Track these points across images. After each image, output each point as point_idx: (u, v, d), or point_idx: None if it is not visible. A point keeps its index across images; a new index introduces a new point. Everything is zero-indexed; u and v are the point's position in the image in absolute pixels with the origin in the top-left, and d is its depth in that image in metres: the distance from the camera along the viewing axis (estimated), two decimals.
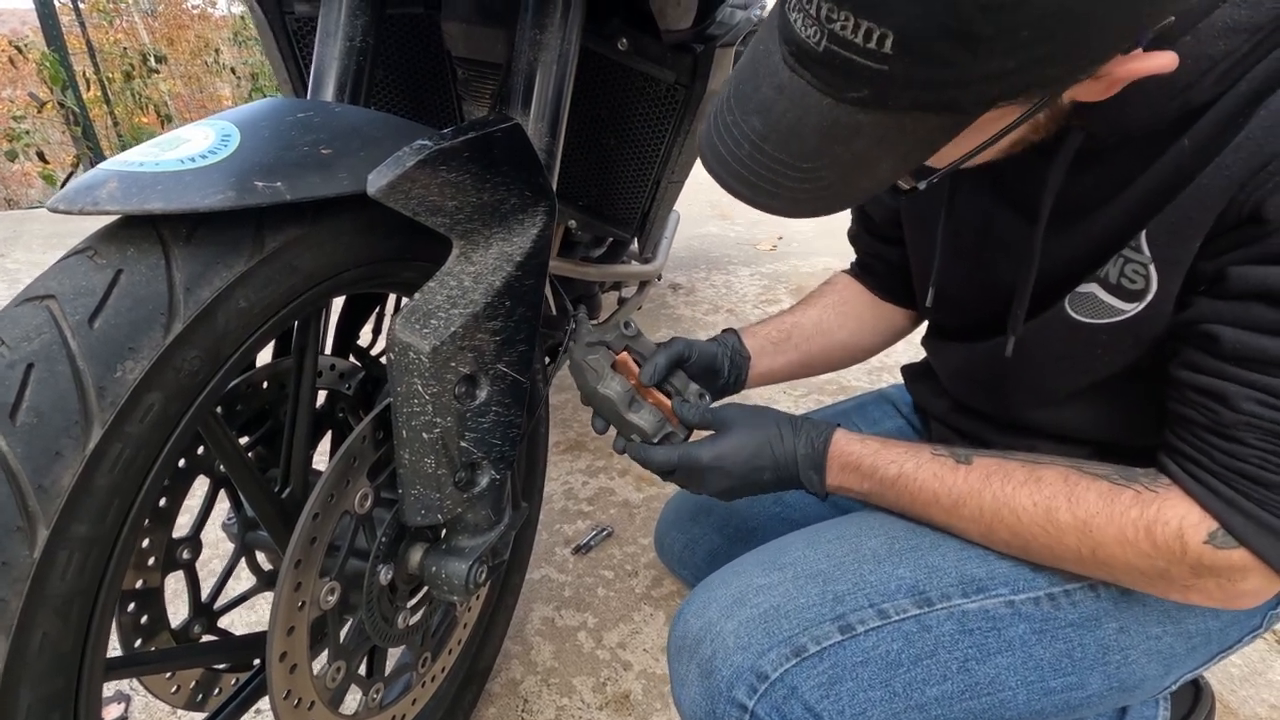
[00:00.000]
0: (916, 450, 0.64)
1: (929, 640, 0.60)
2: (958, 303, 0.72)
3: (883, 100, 0.41)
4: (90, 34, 4.92)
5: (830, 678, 0.59)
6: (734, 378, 0.83)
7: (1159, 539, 0.51)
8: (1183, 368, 0.51)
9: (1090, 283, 0.55)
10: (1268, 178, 0.43)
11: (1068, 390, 0.62)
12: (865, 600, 0.61)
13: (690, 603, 0.67)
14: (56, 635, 0.40)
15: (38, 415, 0.38)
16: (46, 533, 0.38)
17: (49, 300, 0.41)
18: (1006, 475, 0.58)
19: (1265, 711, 0.94)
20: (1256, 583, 0.50)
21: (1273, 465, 0.47)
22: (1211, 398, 0.49)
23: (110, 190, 0.42)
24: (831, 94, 0.42)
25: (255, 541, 0.69)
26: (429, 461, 0.58)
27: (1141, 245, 0.51)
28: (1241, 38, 0.44)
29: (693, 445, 0.69)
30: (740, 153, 0.47)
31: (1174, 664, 0.64)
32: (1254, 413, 0.46)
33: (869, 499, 0.67)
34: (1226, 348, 0.47)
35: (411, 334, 0.54)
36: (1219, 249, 0.47)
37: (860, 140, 0.44)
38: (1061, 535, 0.55)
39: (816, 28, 0.39)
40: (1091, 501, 0.54)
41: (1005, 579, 0.61)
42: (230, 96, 6.37)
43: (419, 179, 0.50)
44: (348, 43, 0.69)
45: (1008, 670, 0.60)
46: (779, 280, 2.56)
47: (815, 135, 0.44)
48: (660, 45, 0.92)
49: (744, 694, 0.59)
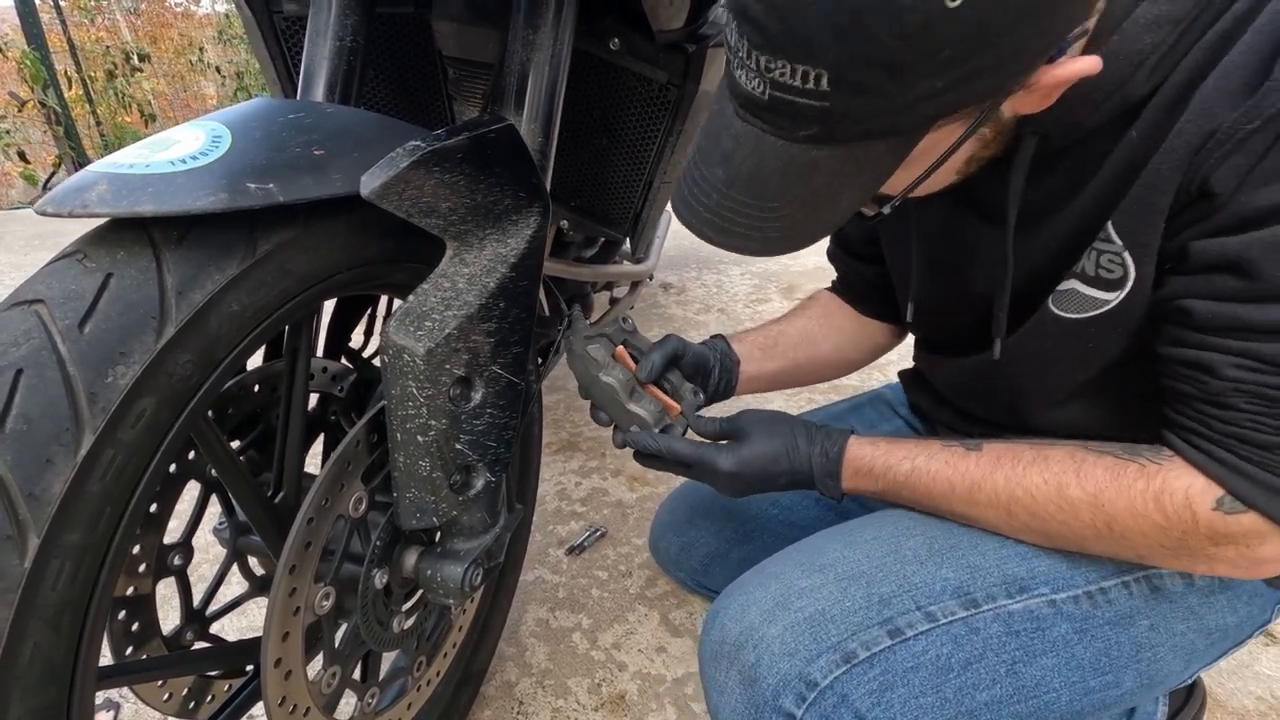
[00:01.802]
0: (927, 444, 0.65)
1: (978, 643, 0.59)
2: (940, 317, 0.73)
3: (831, 134, 0.44)
4: (71, 32, 4.86)
5: (881, 684, 0.57)
6: (724, 382, 0.83)
7: (1168, 509, 0.52)
8: (1167, 344, 0.53)
9: (1070, 279, 0.57)
10: (1207, 154, 0.46)
11: (1067, 389, 0.62)
12: (912, 603, 0.60)
13: (726, 606, 0.65)
14: (48, 645, 0.39)
15: (27, 422, 0.37)
16: (38, 541, 0.37)
17: (38, 305, 0.40)
18: (1016, 457, 0.59)
19: (1252, 703, 0.95)
20: (1276, 547, 0.51)
21: (1266, 426, 0.48)
22: (1197, 369, 0.50)
23: (100, 192, 0.41)
24: (784, 135, 0.46)
25: (247, 546, 0.68)
26: (424, 464, 0.57)
27: (1111, 235, 0.53)
28: (1166, 30, 0.46)
29: (710, 449, 0.68)
30: (710, 201, 0.51)
31: (1193, 659, 0.64)
32: (1239, 378, 0.48)
33: (885, 497, 0.67)
34: (1201, 319, 0.49)
35: (406, 336, 0.53)
36: (1179, 227, 0.49)
37: (818, 175, 0.47)
38: (1076, 511, 0.56)
39: (759, 79, 0.43)
40: (1099, 475, 0.55)
41: (1046, 578, 0.61)
42: (215, 95, 6.31)
43: (413, 180, 0.49)
44: (338, 42, 0.68)
45: (1052, 671, 0.59)
46: (770, 279, 2.56)
47: (776, 176, 0.48)
48: (652, 45, 0.92)
49: (791, 703, 0.57)
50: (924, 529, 0.65)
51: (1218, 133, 0.45)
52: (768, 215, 0.49)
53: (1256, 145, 0.44)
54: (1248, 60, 0.44)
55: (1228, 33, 0.45)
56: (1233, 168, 0.45)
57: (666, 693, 0.99)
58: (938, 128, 0.45)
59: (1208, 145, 0.46)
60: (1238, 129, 0.44)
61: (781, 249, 0.52)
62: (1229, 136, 0.45)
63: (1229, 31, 0.45)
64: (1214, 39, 0.46)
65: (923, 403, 0.86)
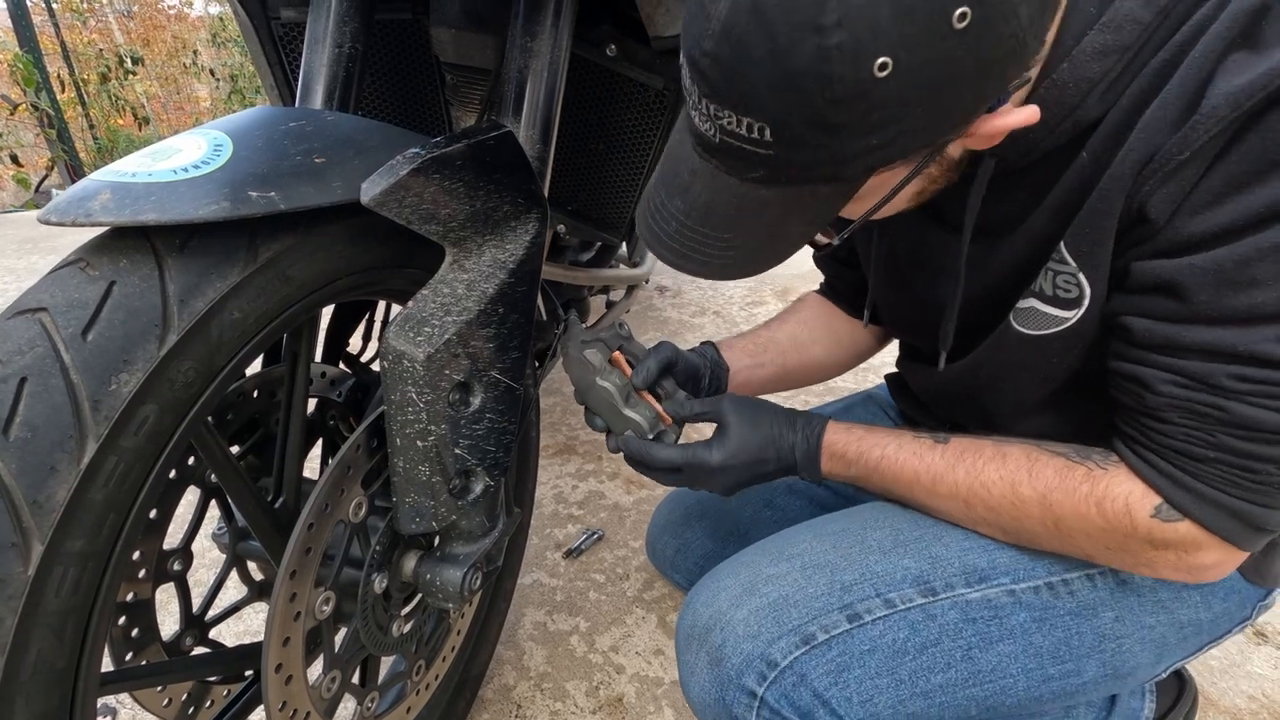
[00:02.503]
0: (899, 434, 0.67)
1: (934, 629, 0.61)
2: (901, 323, 0.75)
3: (777, 178, 0.47)
4: (64, 34, 4.84)
5: (839, 665, 0.60)
6: (714, 389, 0.85)
7: (1109, 513, 0.54)
8: (1112, 357, 0.55)
9: (1029, 298, 0.59)
10: (1145, 180, 0.48)
11: (1036, 400, 0.64)
12: (872, 590, 0.62)
13: (699, 592, 0.68)
14: (51, 652, 0.39)
15: (32, 430, 0.38)
16: (41, 549, 0.37)
17: (41, 313, 0.40)
18: (977, 451, 0.62)
19: (1244, 702, 0.96)
20: (1215, 555, 0.53)
21: (1198, 440, 0.50)
22: (1135, 383, 0.52)
23: (103, 201, 0.41)
24: (735, 175, 0.49)
25: (247, 551, 0.68)
26: (423, 469, 0.58)
27: (1065, 256, 0.54)
28: (1113, 59, 0.48)
29: (699, 447, 0.69)
30: (670, 229, 0.54)
31: (1165, 652, 0.66)
32: (1172, 394, 0.50)
33: (858, 483, 0.69)
34: (1139, 336, 0.51)
35: (405, 342, 0.54)
36: (1124, 247, 0.51)
37: (769, 211, 0.50)
38: (1026, 508, 0.58)
39: (710, 123, 0.46)
40: (1049, 476, 0.57)
41: (1006, 569, 0.63)
42: (208, 98, 6.29)
43: (413, 187, 0.50)
44: (336, 49, 0.68)
45: (1009, 658, 0.61)
46: (764, 282, 2.57)
47: (729, 210, 0.51)
48: (649, 51, 0.92)
49: (754, 681, 0.60)
50: (891, 522, 0.68)
51: (1154, 159, 0.47)
52: (723, 244, 0.52)
53: (1187, 175, 0.46)
54: (1183, 90, 0.46)
55: (1170, 61, 0.47)
56: (1166, 195, 0.47)
57: (664, 695, 1.00)
58: (879, 173, 0.47)
59: (1144, 171, 0.48)
60: (1170, 159, 0.46)
61: (737, 275, 0.55)
62: (1163, 165, 0.46)
63: (1171, 60, 0.47)
64: (1157, 65, 0.47)
65: (906, 407, 0.87)
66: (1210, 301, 0.46)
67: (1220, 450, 0.49)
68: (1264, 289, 0.45)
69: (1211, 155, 0.45)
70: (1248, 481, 0.50)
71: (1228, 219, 0.45)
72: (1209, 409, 0.49)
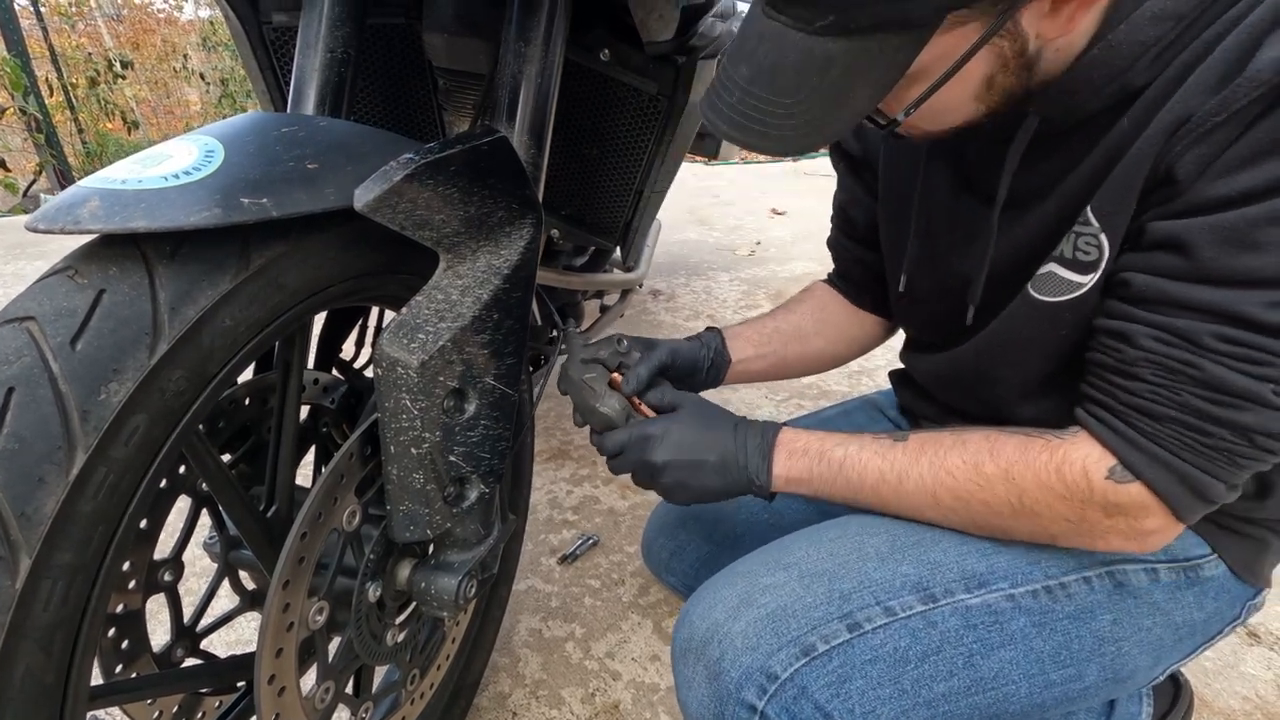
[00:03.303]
0: (857, 435, 0.67)
1: (935, 636, 0.61)
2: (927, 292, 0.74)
3: (846, 24, 0.46)
4: (52, 38, 4.80)
5: (840, 676, 0.59)
6: (711, 378, 0.85)
7: (1068, 478, 0.55)
8: (1101, 315, 0.55)
9: (1049, 262, 0.59)
10: (1176, 141, 0.48)
11: (1039, 379, 0.64)
12: (871, 598, 0.62)
13: (695, 604, 0.66)
14: (39, 667, 0.38)
15: (19, 441, 0.37)
16: (29, 562, 0.37)
17: (29, 322, 0.40)
18: (938, 442, 0.62)
19: (1238, 703, 0.96)
20: (1158, 520, 0.54)
21: (1164, 399, 0.51)
22: (1117, 338, 0.53)
23: (92, 209, 0.41)
24: (803, 28, 0.47)
25: (238, 560, 0.68)
26: (417, 477, 0.57)
27: (1089, 218, 0.55)
28: (1169, 24, 0.48)
29: (646, 421, 0.69)
30: (731, 99, 0.52)
31: (1163, 654, 0.66)
32: (1152, 349, 0.50)
33: (819, 490, 0.67)
34: (1134, 291, 0.51)
35: (399, 349, 0.53)
36: (1143, 208, 0.52)
37: (835, 69, 0.48)
38: (992, 487, 0.59)
39: None
40: (1010, 451, 0.58)
41: (1005, 573, 0.62)
42: (199, 102, 6.26)
43: (406, 193, 0.49)
44: (329, 54, 0.68)
45: (1010, 664, 0.61)
46: (758, 285, 2.57)
47: (793, 70, 0.49)
48: (642, 56, 0.92)
49: (753, 695, 0.59)
50: (887, 527, 0.67)
51: (1189, 121, 0.47)
52: (784, 111, 0.50)
53: (1220, 138, 0.46)
54: (1226, 55, 0.46)
55: (1221, 33, 0.47)
56: (1197, 157, 0.47)
57: (660, 701, 0.99)
58: (950, 24, 0.46)
59: (1178, 133, 0.48)
60: (1206, 120, 0.46)
61: (796, 147, 0.52)
62: (1197, 127, 0.47)
63: (1223, 31, 0.47)
64: (1210, 37, 0.48)
65: (909, 399, 0.87)
66: (1212, 259, 0.47)
67: (1182, 410, 0.50)
68: (1265, 253, 0.45)
69: (1247, 120, 0.45)
70: (1199, 445, 0.50)
71: (1248, 183, 0.45)
72: (1182, 365, 0.49)
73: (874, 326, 0.94)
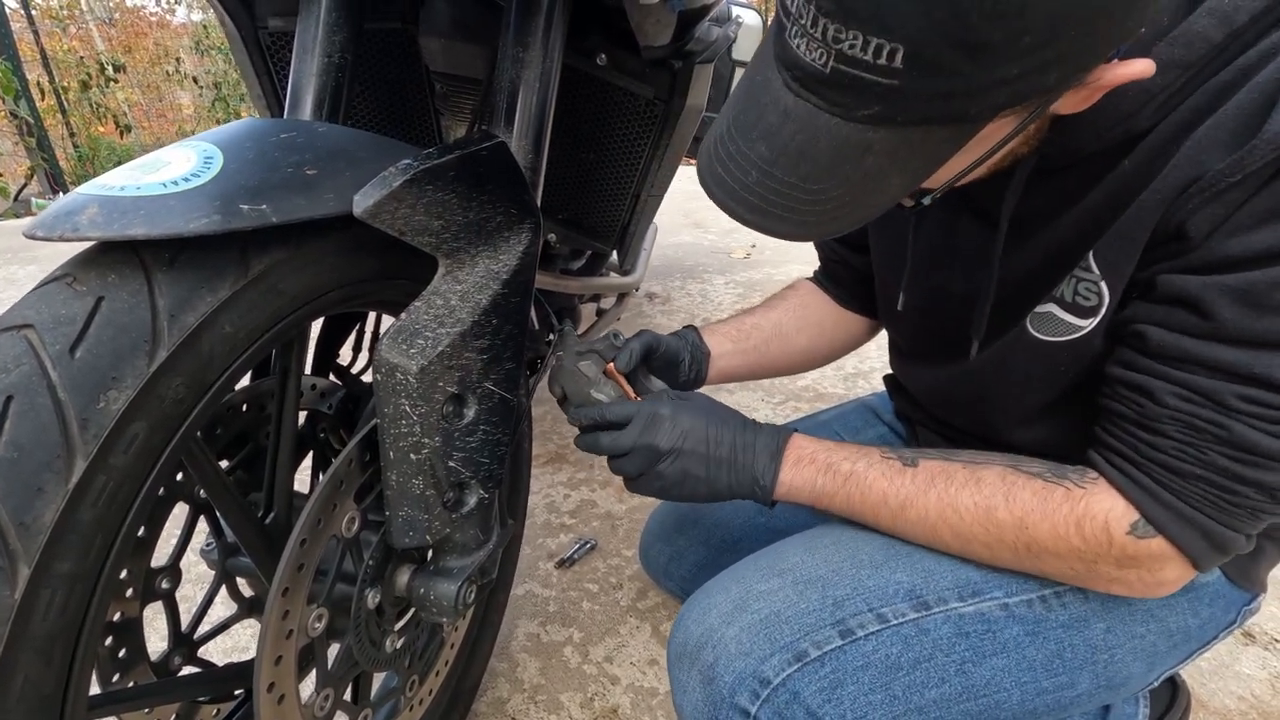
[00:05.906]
0: (867, 451, 0.66)
1: (927, 643, 0.61)
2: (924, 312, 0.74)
3: (893, 115, 0.42)
4: (44, 41, 4.78)
5: (832, 682, 0.59)
6: (694, 373, 0.84)
7: (1088, 533, 0.54)
8: (1116, 364, 0.54)
9: (1048, 303, 0.58)
10: (1188, 199, 0.47)
11: (1036, 408, 0.64)
12: (864, 605, 0.62)
13: (690, 609, 0.67)
14: (38, 677, 0.38)
15: (18, 449, 0.37)
16: (28, 571, 0.36)
17: (27, 330, 0.39)
18: (949, 477, 0.61)
19: (1233, 703, 0.97)
20: (1176, 572, 0.54)
21: (1189, 456, 0.50)
22: (1139, 392, 0.52)
23: (91, 216, 0.40)
24: (840, 113, 0.43)
25: (236, 567, 0.67)
26: (417, 482, 0.57)
27: (1090, 264, 0.55)
28: (1175, 73, 0.48)
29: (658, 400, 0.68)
30: (748, 180, 0.47)
31: (1157, 661, 0.66)
32: (1176, 406, 0.50)
33: (819, 501, 0.66)
34: (1154, 346, 0.51)
35: (398, 354, 0.53)
36: (1151, 260, 0.51)
37: (871, 157, 0.44)
38: (1001, 533, 0.58)
39: (823, 49, 0.40)
40: (1026, 499, 0.57)
41: (999, 582, 0.62)
42: (191, 105, 6.24)
43: (405, 199, 0.50)
44: (326, 59, 0.68)
45: (1003, 672, 0.61)
46: (753, 288, 2.58)
47: (826, 156, 0.45)
48: (639, 61, 0.92)
49: (746, 700, 0.59)
50: (883, 535, 0.67)
51: (1201, 180, 0.47)
52: (810, 196, 0.47)
53: (1234, 198, 0.46)
54: (1240, 113, 0.46)
55: (1230, 83, 0.46)
56: (1209, 215, 0.47)
57: (659, 705, 0.99)
58: (999, 118, 0.43)
59: (1190, 190, 0.47)
60: (1220, 180, 0.46)
61: (819, 233, 0.50)
62: (1210, 186, 0.46)
63: (1231, 82, 0.46)
64: (1216, 87, 0.47)
65: (904, 405, 0.87)
66: (1233, 321, 0.47)
67: (1208, 469, 0.50)
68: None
69: (1261, 181, 0.45)
70: (1225, 503, 0.50)
71: (1265, 243, 0.45)
72: (1208, 425, 0.49)
73: (858, 326, 0.93)
